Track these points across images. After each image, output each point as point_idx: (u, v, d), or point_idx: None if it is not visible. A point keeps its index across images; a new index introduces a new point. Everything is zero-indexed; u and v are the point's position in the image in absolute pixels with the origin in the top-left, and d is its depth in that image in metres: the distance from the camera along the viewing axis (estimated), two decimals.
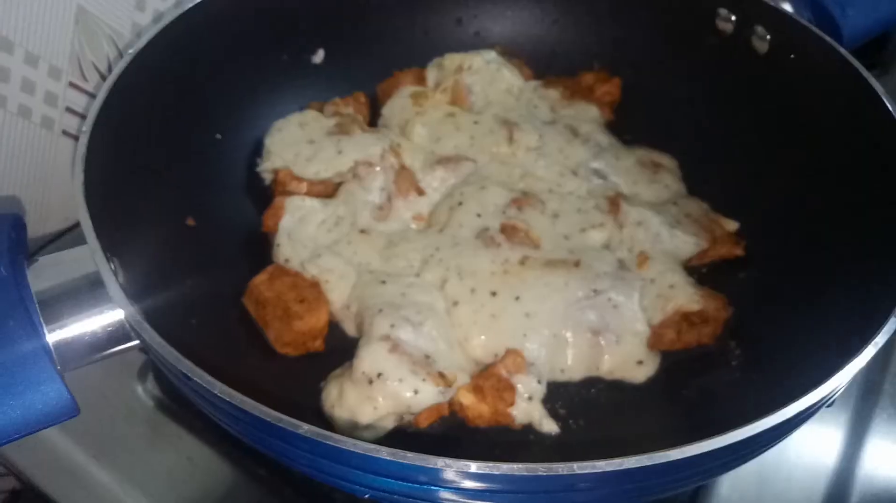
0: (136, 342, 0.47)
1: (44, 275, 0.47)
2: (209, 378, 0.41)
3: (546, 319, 0.59)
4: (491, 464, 0.37)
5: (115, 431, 0.64)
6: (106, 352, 0.47)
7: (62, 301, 0.46)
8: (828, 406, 0.44)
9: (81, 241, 0.49)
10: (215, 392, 0.41)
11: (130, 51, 0.60)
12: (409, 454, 0.38)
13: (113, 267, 0.47)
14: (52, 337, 0.45)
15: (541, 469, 0.37)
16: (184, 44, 0.64)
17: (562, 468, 0.38)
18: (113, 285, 0.45)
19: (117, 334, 0.46)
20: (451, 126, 0.73)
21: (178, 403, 0.65)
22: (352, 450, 0.38)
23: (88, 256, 0.47)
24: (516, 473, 0.38)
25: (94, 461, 0.62)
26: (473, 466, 0.38)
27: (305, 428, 0.39)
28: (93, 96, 0.74)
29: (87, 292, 0.46)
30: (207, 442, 0.63)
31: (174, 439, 0.63)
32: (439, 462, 0.38)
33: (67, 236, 0.79)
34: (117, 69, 0.58)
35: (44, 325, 0.44)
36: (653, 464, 0.38)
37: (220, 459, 0.62)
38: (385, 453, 0.38)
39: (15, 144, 0.69)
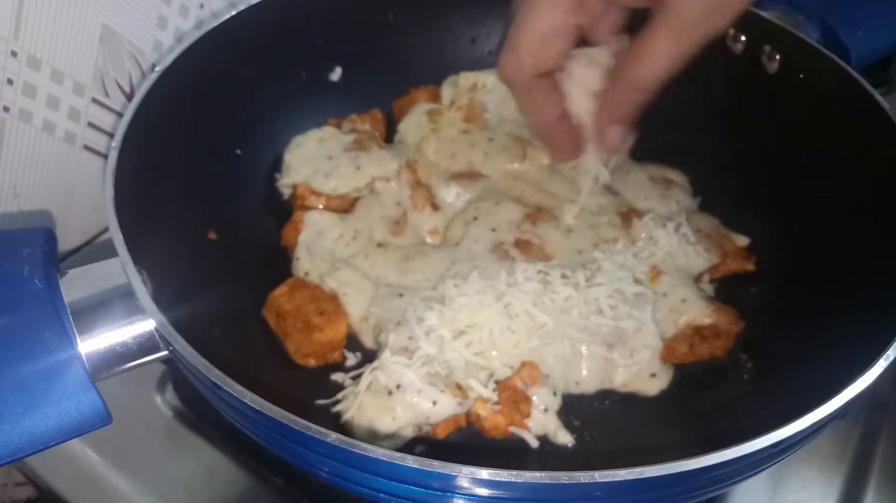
0: (165, 352, 0.48)
1: (75, 287, 0.48)
2: (239, 387, 0.42)
3: (561, 333, 0.60)
4: (515, 472, 0.38)
5: (134, 441, 0.65)
6: (135, 363, 0.48)
7: (94, 312, 0.47)
8: (840, 418, 0.45)
9: (100, 254, 0.50)
10: (245, 401, 0.42)
11: (157, 68, 0.61)
12: (435, 462, 0.39)
13: (142, 279, 0.48)
14: (85, 347, 0.46)
15: (563, 477, 0.38)
16: (206, 63, 0.66)
17: (583, 476, 0.39)
18: (144, 296, 0.46)
19: (147, 344, 0.47)
20: (465, 143, 0.74)
21: (197, 413, 0.66)
22: (379, 458, 0.39)
23: (117, 269, 0.49)
24: (539, 481, 0.39)
25: (114, 470, 0.63)
26: (498, 475, 0.39)
27: (333, 436, 0.40)
28: (115, 112, 0.76)
29: (118, 303, 0.47)
30: (225, 451, 0.64)
31: (192, 449, 0.64)
32: (464, 470, 0.39)
33: (85, 249, 0.80)
34: (144, 87, 0.60)
35: (77, 336, 0.45)
36: (672, 474, 0.39)
37: (237, 469, 0.63)
38: (412, 461, 0.39)
39: (40, 159, 0.71)
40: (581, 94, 0.63)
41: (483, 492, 0.41)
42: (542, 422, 0.58)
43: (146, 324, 0.47)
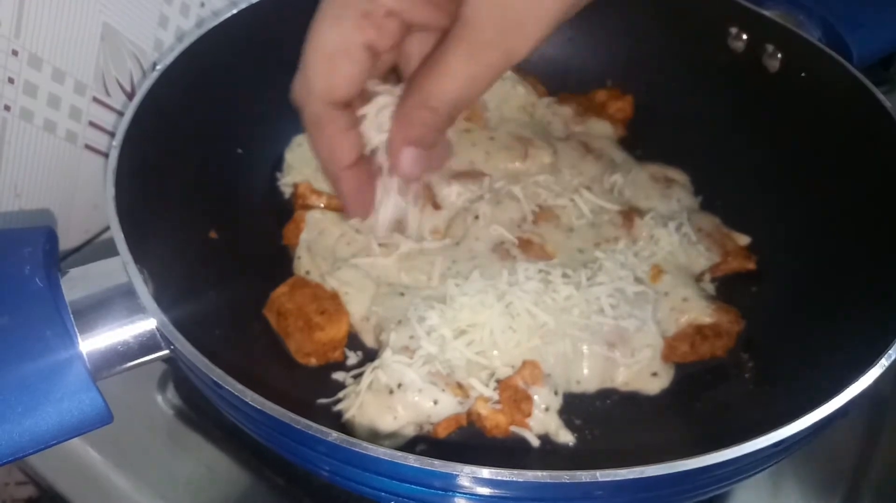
0: (166, 352, 0.48)
1: (76, 286, 0.48)
2: (240, 386, 0.42)
3: (562, 332, 0.60)
4: (516, 471, 0.38)
5: (135, 440, 0.65)
6: (136, 362, 0.48)
7: (95, 311, 0.47)
8: (842, 417, 0.45)
9: (102, 253, 0.50)
10: (246, 400, 0.42)
11: (159, 67, 0.61)
12: (437, 462, 0.39)
13: (143, 278, 0.48)
14: (86, 346, 0.46)
15: (565, 476, 0.38)
16: (207, 62, 0.66)
17: (585, 475, 0.39)
18: (145, 295, 0.46)
19: (148, 343, 0.48)
20: (467, 142, 0.74)
21: (198, 412, 0.66)
22: (381, 457, 0.39)
23: (118, 268, 0.49)
24: (541, 481, 0.39)
25: (115, 469, 0.63)
26: (499, 474, 0.39)
27: (335, 435, 0.40)
28: (115, 111, 0.76)
29: (119, 302, 0.47)
30: (226, 450, 0.64)
31: (193, 448, 0.64)
32: (465, 469, 0.39)
33: (86, 248, 0.80)
34: (145, 86, 0.60)
35: (78, 335, 0.46)
36: (673, 473, 0.39)
37: (238, 468, 0.63)
38: (413, 460, 0.39)
39: (41, 158, 0.71)
40: (382, 138, 0.57)
41: (484, 491, 0.41)
42: (544, 421, 0.58)
43: (147, 324, 0.47)
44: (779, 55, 0.70)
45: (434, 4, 0.51)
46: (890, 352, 0.46)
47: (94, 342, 0.46)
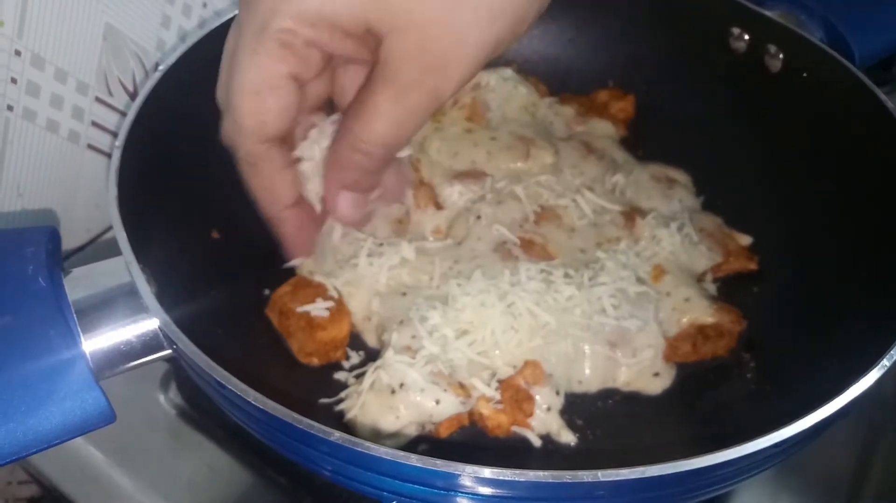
0: (168, 351, 0.48)
1: (79, 285, 0.48)
2: (243, 386, 0.42)
3: (564, 332, 0.60)
4: (518, 471, 0.39)
5: (137, 439, 0.65)
6: (138, 361, 0.48)
7: (98, 310, 0.47)
8: (843, 418, 0.45)
9: (104, 253, 0.50)
10: (249, 399, 0.42)
11: (161, 67, 0.61)
12: (439, 461, 0.39)
13: (146, 277, 0.48)
14: (89, 345, 0.46)
15: (566, 476, 0.38)
16: (209, 62, 0.65)
17: (586, 475, 0.39)
18: (148, 295, 0.46)
19: (151, 343, 0.48)
20: (468, 142, 0.74)
21: (200, 412, 0.66)
22: (383, 457, 0.39)
23: (120, 268, 0.49)
24: (542, 480, 0.39)
25: (117, 468, 0.63)
26: (501, 473, 0.39)
27: (337, 435, 0.40)
28: (118, 111, 0.76)
29: (122, 302, 0.47)
30: (228, 450, 0.64)
31: (196, 447, 0.65)
32: (467, 469, 0.39)
33: (89, 248, 0.80)
34: (147, 86, 0.60)
35: (81, 334, 0.46)
36: (675, 473, 0.39)
37: (240, 468, 0.63)
38: (415, 460, 0.39)
39: (43, 158, 0.71)
40: (319, 173, 0.56)
41: (486, 490, 0.41)
42: (545, 421, 0.58)
43: (150, 323, 0.47)
44: (780, 55, 0.70)
45: (356, 38, 0.49)
46: (891, 352, 0.46)
47: (96, 342, 0.46)
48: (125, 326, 0.47)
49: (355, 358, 0.63)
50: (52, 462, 0.64)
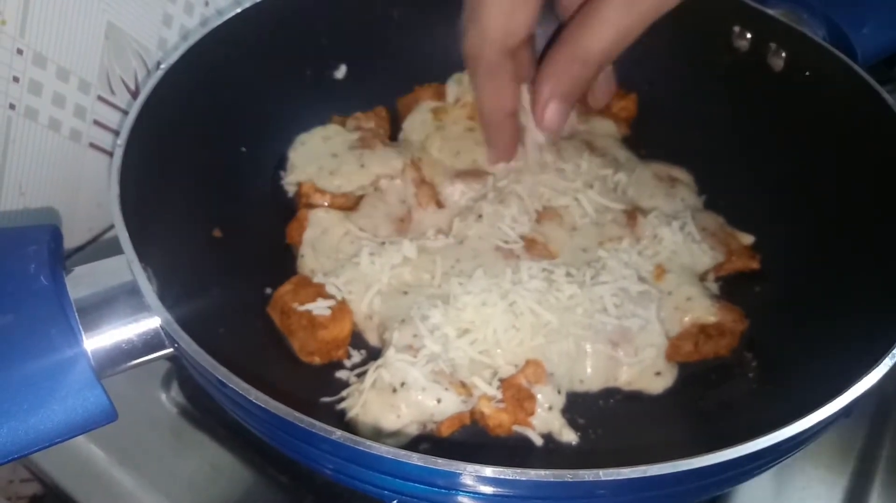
0: (170, 350, 0.48)
1: (81, 284, 0.48)
2: (244, 384, 0.43)
3: (566, 331, 0.60)
4: (519, 470, 0.39)
5: (139, 438, 0.65)
6: (140, 360, 0.48)
7: (100, 309, 0.47)
8: (845, 417, 0.45)
9: (106, 251, 0.50)
10: (250, 398, 0.42)
11: (162, 66, 0.61)
12: (440, 460, 0.39)
13: (148, 276, 0.48)
14: (91, 344, 0.46)
15: (568, 475, 0.38)
16: (211, 61, 0.66)
17: (588, 474, 0.39)
18: (150, 293, 0.46)
19: (152, 342, 0.48)
20: (470, 141, 0.74)
21: (202, 411, 0.67)
22: (384, 455, 0.39)
23: (122, 266, 0.49)
24: (544, 479, 0.39)
25: (119, 466, 0.64)
26: (502, 472, 0.39)
27: (338, 434, 0.40)
28: (120, 110, 0.76)
29: (123, 301, 0.47)
30: (230, 449, 0.64)
31: (197, 446, 0.65)
32: (468, 468, 0.39)
33: (91, 247, 0.80)
34: (149, 85, 0.60)
35: (83, 333, 0.46)
36: (676, 472, 0.39)
37: (242, 466, 0.63)
38: (416, 459, 0.39)
39: (45, 157, 0.71)
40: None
41: (487, 489, 0.41)
42: (547, 420, 0.58)
43: (152, 322, 0.47)
44: (783, 54, 0.70)
45: None
46: (894, 351, 0.46)
47: (98, 340, 0.46)
48: (127, 325, 0.47)
49: (357, 357, 0.63)
50: (54, 460, 0.64)
